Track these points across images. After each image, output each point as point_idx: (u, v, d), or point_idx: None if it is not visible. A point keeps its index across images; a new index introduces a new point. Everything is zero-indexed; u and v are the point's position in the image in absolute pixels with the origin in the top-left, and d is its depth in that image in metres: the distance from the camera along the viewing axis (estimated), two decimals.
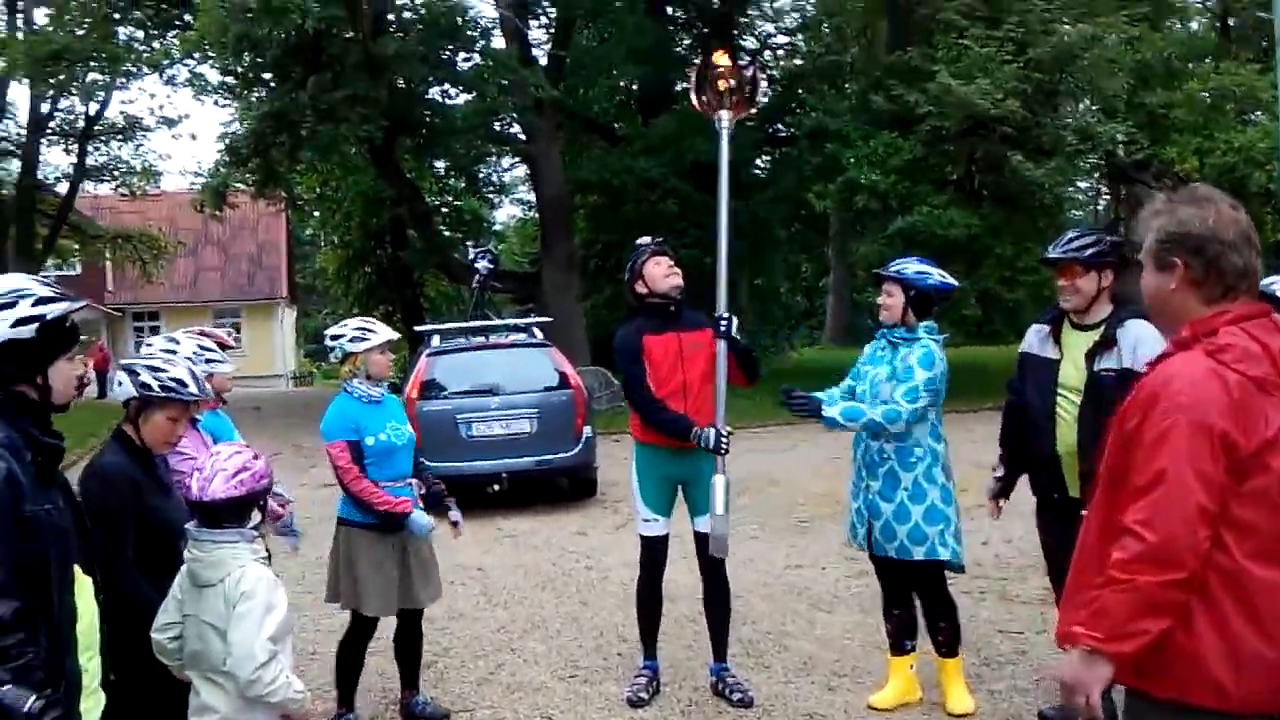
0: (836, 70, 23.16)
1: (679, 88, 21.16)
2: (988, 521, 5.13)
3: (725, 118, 4.77)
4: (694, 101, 5.01)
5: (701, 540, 4.81)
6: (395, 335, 4.87)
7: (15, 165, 26.89)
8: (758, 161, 23.71)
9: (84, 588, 2.59)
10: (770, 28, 27.15)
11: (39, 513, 2.41)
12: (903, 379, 4.42)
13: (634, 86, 23.92)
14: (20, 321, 2.45)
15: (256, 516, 3.08)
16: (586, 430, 10.12)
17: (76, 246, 32.12)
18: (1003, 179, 18.36)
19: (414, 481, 4.73)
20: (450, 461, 9.63)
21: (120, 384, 3.29)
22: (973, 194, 19.27)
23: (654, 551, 4.95)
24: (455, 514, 4.87)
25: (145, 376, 3.23)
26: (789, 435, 14.55)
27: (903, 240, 19.12)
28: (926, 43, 18.90)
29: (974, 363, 18.67)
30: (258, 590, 2.94)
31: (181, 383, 3.24)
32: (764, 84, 4.93)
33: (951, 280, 4.67)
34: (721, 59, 4.80)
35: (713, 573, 4.88)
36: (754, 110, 5.19)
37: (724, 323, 4.64)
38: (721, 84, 4.74)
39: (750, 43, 27.03)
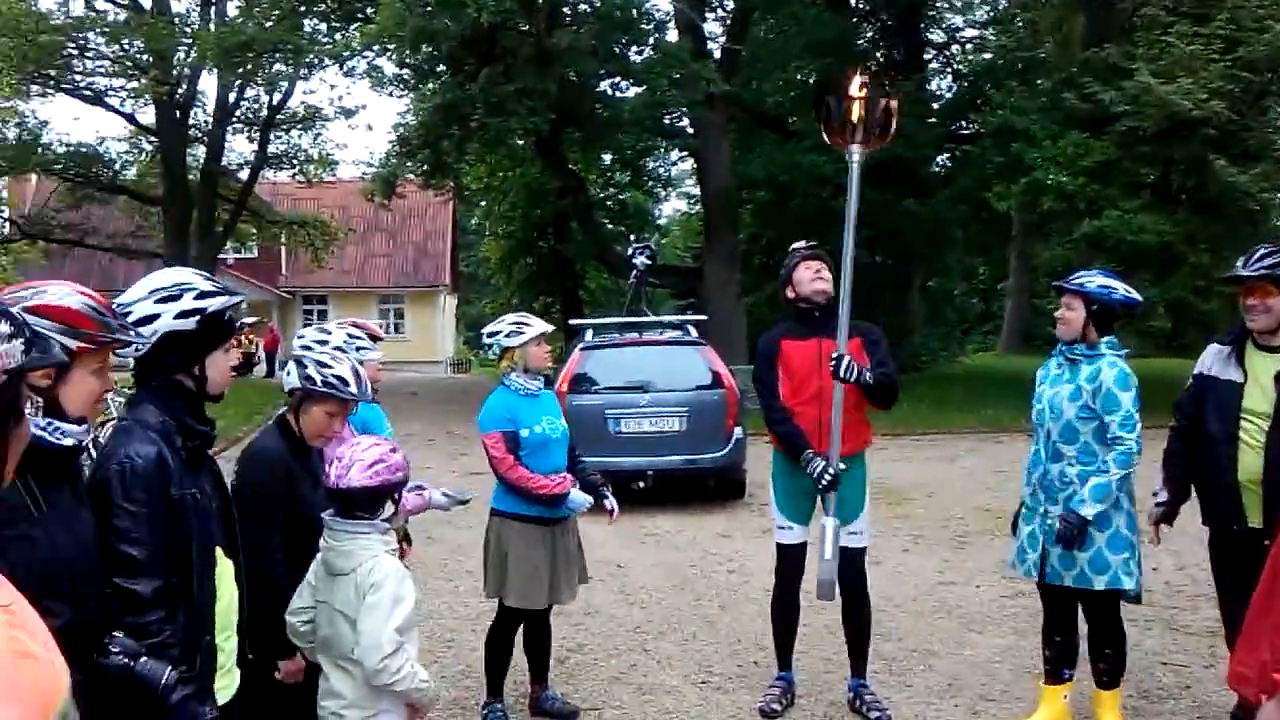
0: (1027, 66, 22.47)
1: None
2: (1158, 546, 4.93)
3: (856, 151, 4.61)
4: (821, 131, 4.81)
5: (843, 553, 4.76)
6: (549, 328, 5.00)
7: (202, 152, 28.79)
8: (937, 160, 23.29)
9: (225, 570, 2.72)
10: (959, 20, 26.61)
11: (185, 496, 2.54)
12: (1109, 409, 4.21)
13: (811, 80, 23.80)
14: (183, 314, 2.59)
15: (389, 509, 3.18)
16: (737, 431, 10.15)
17: (254, 231, 34.20)
18: (1203, 184, 17.45)
19: (568, 476, 4.83)
20: (597, 457, 9.86)
21: (288, 373, 3.47)
22: (1168, 198, 18.38)
23: (790, 560, 4.97)
24: (610, 502, 4.97)
25: (311, 370, 3.38)
26: (953, 444, 14.25)
27: (1089, 245, 18.40)
28: (1126, 39, 18.19)
29: (1161, 376, 17.80)
30: (387, 582, 3.05)
31: (344, 380, 3.37)
32: (895, 116, 4.68)
33: (1137, 295, 4.47)
34: (856, 88, 4.58)
35: (851, 585, 4.85)
36: (887, 143, 4.95)
37: (834, 363, 4.50)
38: (855, 115, 4.54)
39: (937, 36, 26.51)
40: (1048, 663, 4.58)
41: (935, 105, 23.78)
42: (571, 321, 16.72)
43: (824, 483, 4.55)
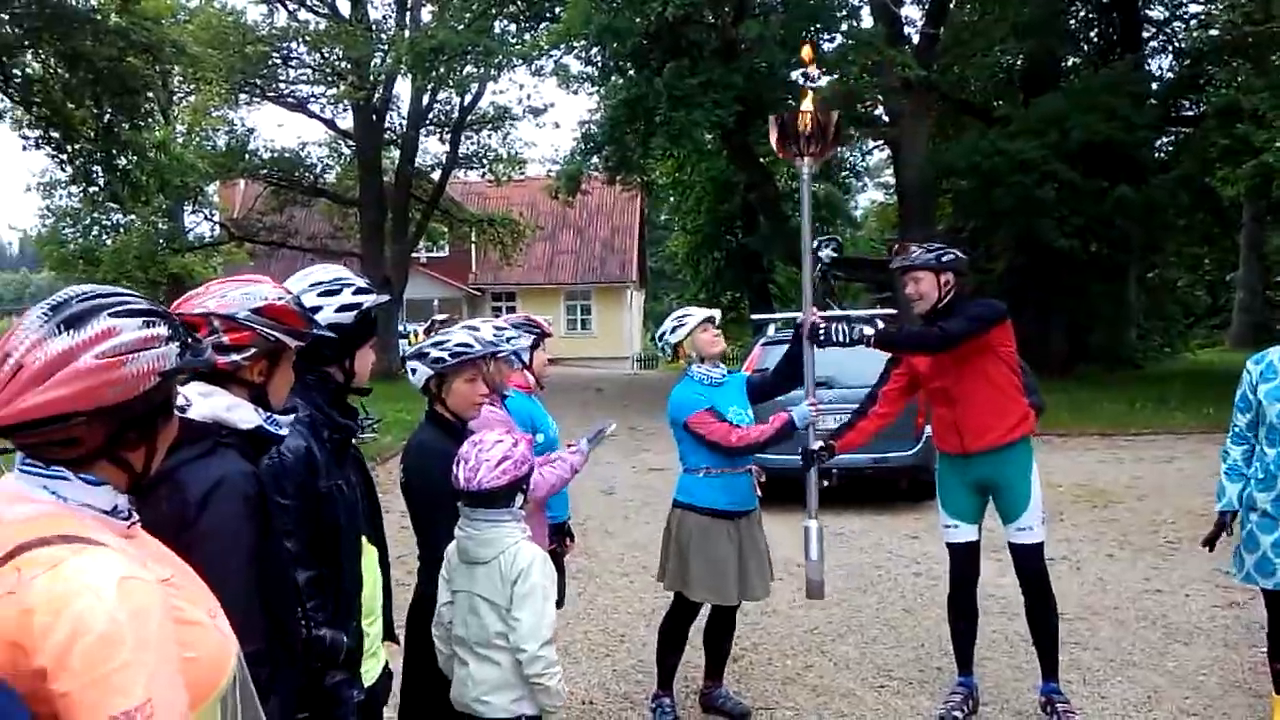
0: (1257, 42, 21.28)
1: (1068, 63, 20.34)
2: None
3: (806, 164, 4.78)
4: (775, 148, 4.99)
5: (1015, 551, 4.90)
6: (712, 312, 5.21)
7: (396, 154, 30.51)
8: (1155, 143, 22.35)
9: (369, 557, 2.88)
10: None
11: (332, 488, 2.66)
12: None
13: (1017, 63, 23.27)
14: (343, 308, 2.78)
15: (520, 499, 3.33)
16: (928, 429, 10.17)
17: (445, 230, 35.97)
18: None
19: (754, 468, 4.99)
20: (779, 453, 10.08)
21: (414, 371, 3.71)
22: None
23: (959, 559, 5.07)
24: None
25: (433, 353, 3.63)
26: (1171, 445, 13.77)
27: None
28: None
29: None
30: (534, 569, 3.19)
31: (466, 345, 3.68)
32: (835, 129, 4.91)
33: None
34: (804, 103, 4.80)
35: (1032, 585, 4.92)
36: (830, 152, 5.19)
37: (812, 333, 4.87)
38: (803, 128, 4.70)
39: (1157, 13, 25.39)
40: (1277, 676, 4.51)
41: (1154, 85, 22.80)
42: (753, 316, 16.93)
43: (810, 461, 4.84)
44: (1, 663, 1.41)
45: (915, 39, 21.07)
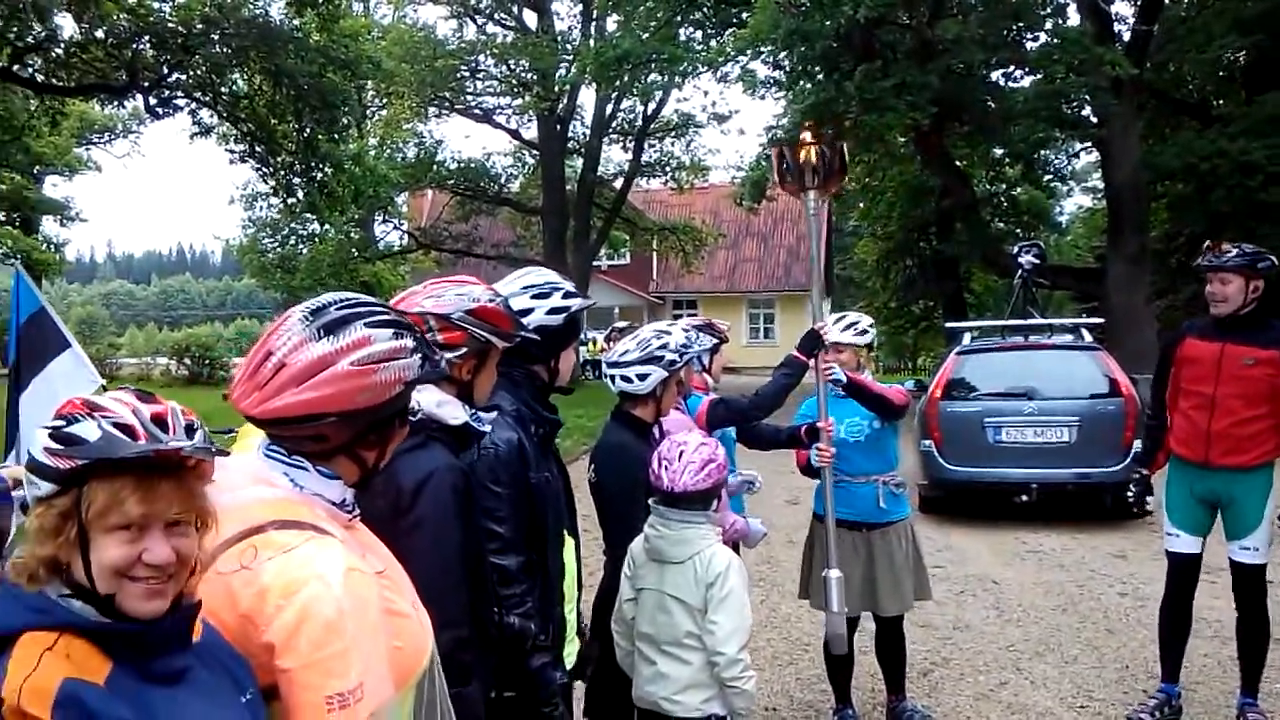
0: None
1: None
2: None
3: (813, 197, 4.73)
4: (777, 183, 4.94)
5: (1236, 569, 4.87)
6: (865, 320, 5.37)
7: (579, 163, 31.42)
8: None
9: (569, 548, 3.06)
10: None
11: (540, 480, 2.82)
12: None
13: (1239, 59, 22.21)
14: (553, 310, 2.98)
15: (716, 502, 3.49)
16: (1137, 444, 9.93)
17: (627, 238, 36.73)
18: None
19: (880, 478, 5.00)
20: (973, 467, 10.03)
21: (644, 377, 3.83)
22: None
23: (1178, 569, 5.09)
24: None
25: (669, 355, 3.83)
26: None
27: None
28: None
29: None
30: (731, 573, 3.31)
31: (685, 345, 3.93)
32: (841, 160, 4.73)
33: None
34: (806, 134, 4.73)
35: (1248, 605, 4.91)
36: (842, 185, 5.00)
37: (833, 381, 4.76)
38: (808, 161, 4.62)
39: None
40: None
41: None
42: (948, 324, 16.70)
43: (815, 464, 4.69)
44: (234, 631, 1.64)
45: (1125, 36, 20.40)
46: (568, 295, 3.03)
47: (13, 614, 1.45)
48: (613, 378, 3.90)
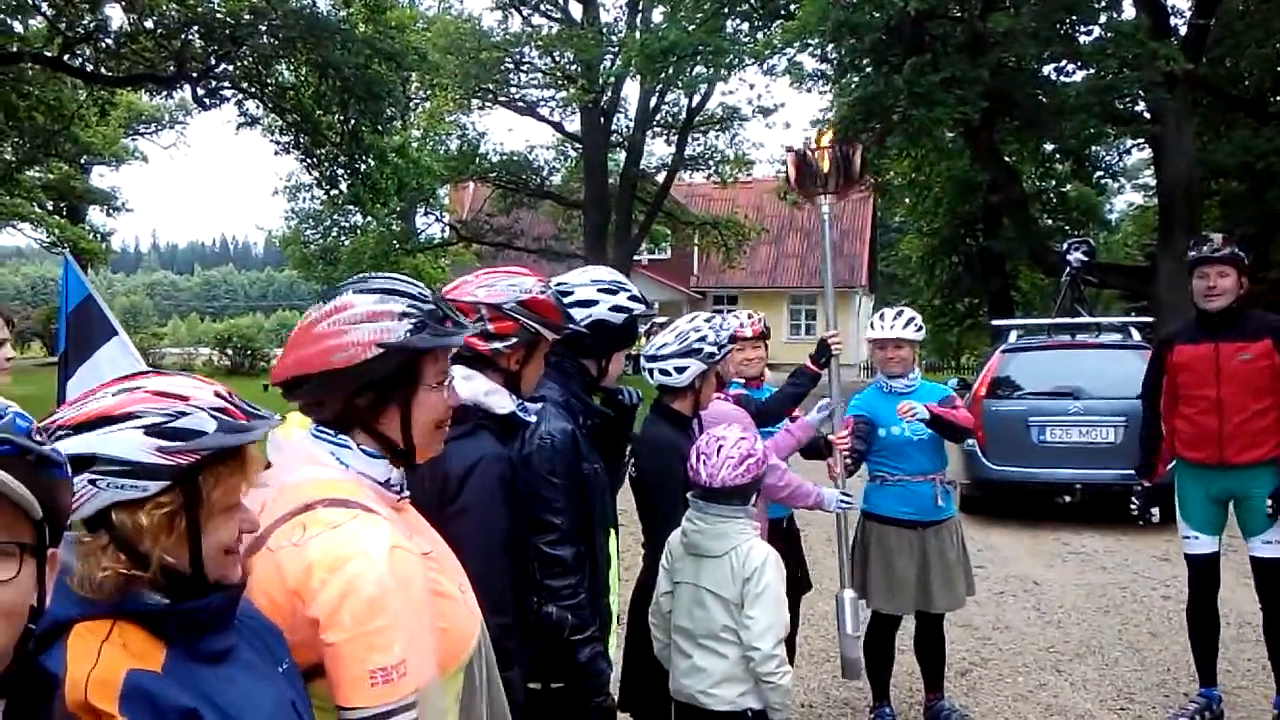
0: None
1: None
2: None
3: (826, 202, 4.72)
4: (793, 186, 4.97)
5: (1258, 565, 4.88)
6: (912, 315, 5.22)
7: (622, 156, 31.47)
8: None
9: (610, 539, 3.11)
10: None
11: (590, 471, 2.87)
12: None
13: None
14: (616, 308, 3.05)
15: (754, 497, 3.50)
16: None
17: (669, 232, 36.75)
18: None
19: (937, 477, 5.03)
20: (1016, 466, 10.02)
21: (682, 370, 3.86)
22: None
23: (1199, 571, 5.13)
24: None
25: (708, 348, 3.85)
26: None
27: None
28: None
29: None
30: (768, 568, 3.34)
31: (720, 344, 3.95)
32: (861, 164, 4.75)
33: None
34: (823, 139, 4.74)
35: (1273, 599, 4.91)
36: (861, 190, 4.98)
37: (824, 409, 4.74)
38: (825, 166, 4.64)
39: None
40: None
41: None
42: (994, 322, 16.59)
43: (839, 508, 4.60)
44: (283, 607, 1.68)
45: (1182, 30, 20.13)
46: (633, 298, 3.11)
47: (62, 604, 1.39)
48: (651, 371, 3.94)
